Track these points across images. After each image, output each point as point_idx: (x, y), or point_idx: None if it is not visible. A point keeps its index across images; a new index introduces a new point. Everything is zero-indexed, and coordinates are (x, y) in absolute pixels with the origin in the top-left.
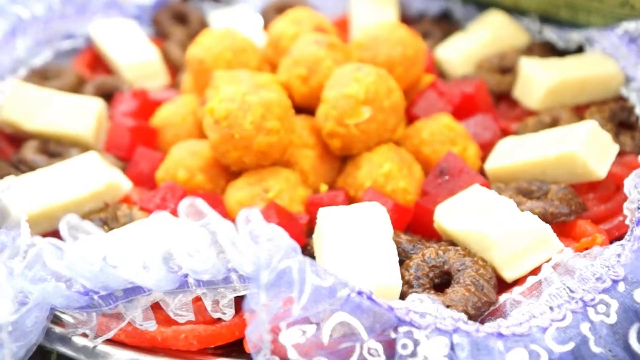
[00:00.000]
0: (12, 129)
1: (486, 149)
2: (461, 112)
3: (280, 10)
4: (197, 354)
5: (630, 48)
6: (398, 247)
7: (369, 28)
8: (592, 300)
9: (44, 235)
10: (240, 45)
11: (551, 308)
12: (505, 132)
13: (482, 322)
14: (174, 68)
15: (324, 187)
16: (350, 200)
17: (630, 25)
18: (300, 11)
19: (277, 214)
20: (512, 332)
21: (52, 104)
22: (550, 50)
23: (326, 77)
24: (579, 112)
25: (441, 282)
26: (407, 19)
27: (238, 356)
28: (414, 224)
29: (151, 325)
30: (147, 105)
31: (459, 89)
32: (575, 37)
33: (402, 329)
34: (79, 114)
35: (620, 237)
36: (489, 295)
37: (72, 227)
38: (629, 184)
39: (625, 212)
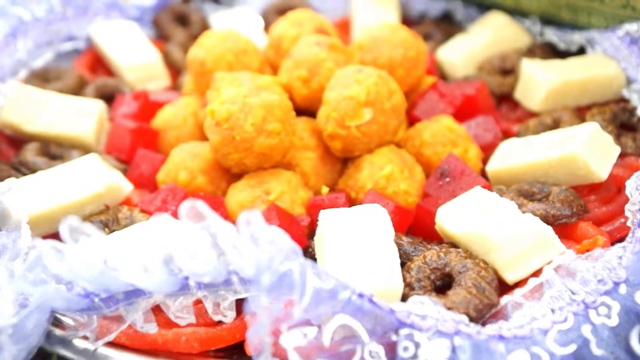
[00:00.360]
0: (13, 130)
1: (487, 150)
2: (462, 113)
3: (281, 11)
4: (198, 356)
5: (632, 49)
6: (399, 249)
7: (370, 29)
8: (594, 302)
9: (45, 237)
10: (241, 47)
11: (552, 310)
12: (506, 134)
13: (483, 324)
14: (175, 70)
15: (325, 189)
16: (351, 202)
17: (631, 27)
18: (301, 13)
19: (278, 216)
20: (514, 335)
21: (52, 105)
22: (551, 51)
23: (327, 79)
24: (581, 113)
25: (442, 285)
26: (408, 21)
27: (239, 359)
28: (415, 226)
29: (152, 328)
30: (148, 107)
31: (460, 91)
32: (576, 38)
33: (404, 332)
34: (79, 116)
35: (621, 239)
36: (491, 297)
37: (73, 229)
38: (630, 186)
39: (627, 213)
